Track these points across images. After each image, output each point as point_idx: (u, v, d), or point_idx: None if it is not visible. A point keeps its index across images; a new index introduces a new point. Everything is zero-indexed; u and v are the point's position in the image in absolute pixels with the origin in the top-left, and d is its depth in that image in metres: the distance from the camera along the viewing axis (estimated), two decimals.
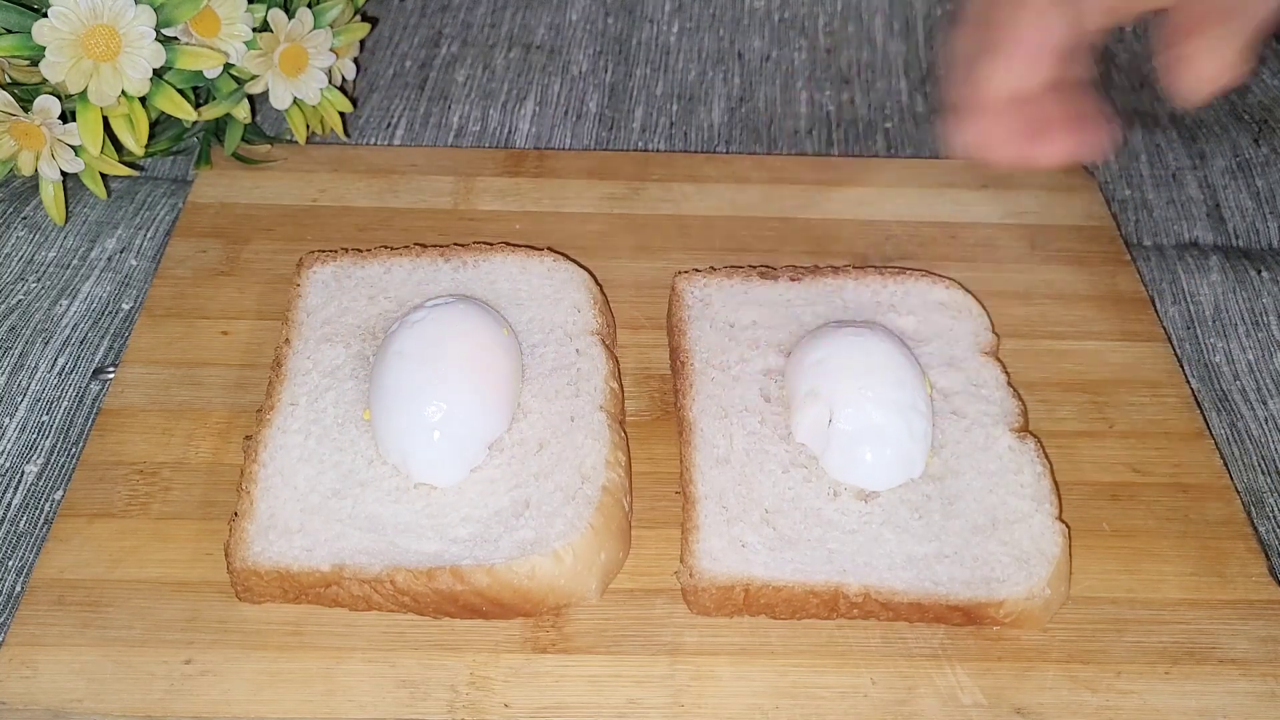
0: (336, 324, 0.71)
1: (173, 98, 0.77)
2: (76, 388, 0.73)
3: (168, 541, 0.63)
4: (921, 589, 0.59)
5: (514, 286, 0.73)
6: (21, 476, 0.68)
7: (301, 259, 0.75)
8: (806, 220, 0.82)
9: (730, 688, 0.58)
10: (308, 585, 0.59)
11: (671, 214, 0.83)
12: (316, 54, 0.82)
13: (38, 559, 0.62)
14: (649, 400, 0.71)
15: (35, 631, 0.59)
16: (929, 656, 0.60)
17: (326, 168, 0.85)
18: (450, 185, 0.84)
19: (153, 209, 0.83)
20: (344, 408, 0.66)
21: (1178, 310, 0.80)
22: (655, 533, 0.64)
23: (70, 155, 0.77)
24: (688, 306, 0.73)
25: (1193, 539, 0.65)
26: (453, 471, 0.63)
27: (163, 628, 0.59)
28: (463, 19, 1.03)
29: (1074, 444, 0.69)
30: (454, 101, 0.95)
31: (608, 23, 1.03)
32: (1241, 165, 0.90)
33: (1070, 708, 0.58)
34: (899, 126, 0.95)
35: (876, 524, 0.62)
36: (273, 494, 0.62)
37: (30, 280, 0.78)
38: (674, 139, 0.93)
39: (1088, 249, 0.81)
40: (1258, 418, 0.74)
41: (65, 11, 0.71)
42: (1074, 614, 0.61)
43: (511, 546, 0.60)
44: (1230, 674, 0.59)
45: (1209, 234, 0.86)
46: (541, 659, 0.59)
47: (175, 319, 0.74)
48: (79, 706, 0.56)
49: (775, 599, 0.60)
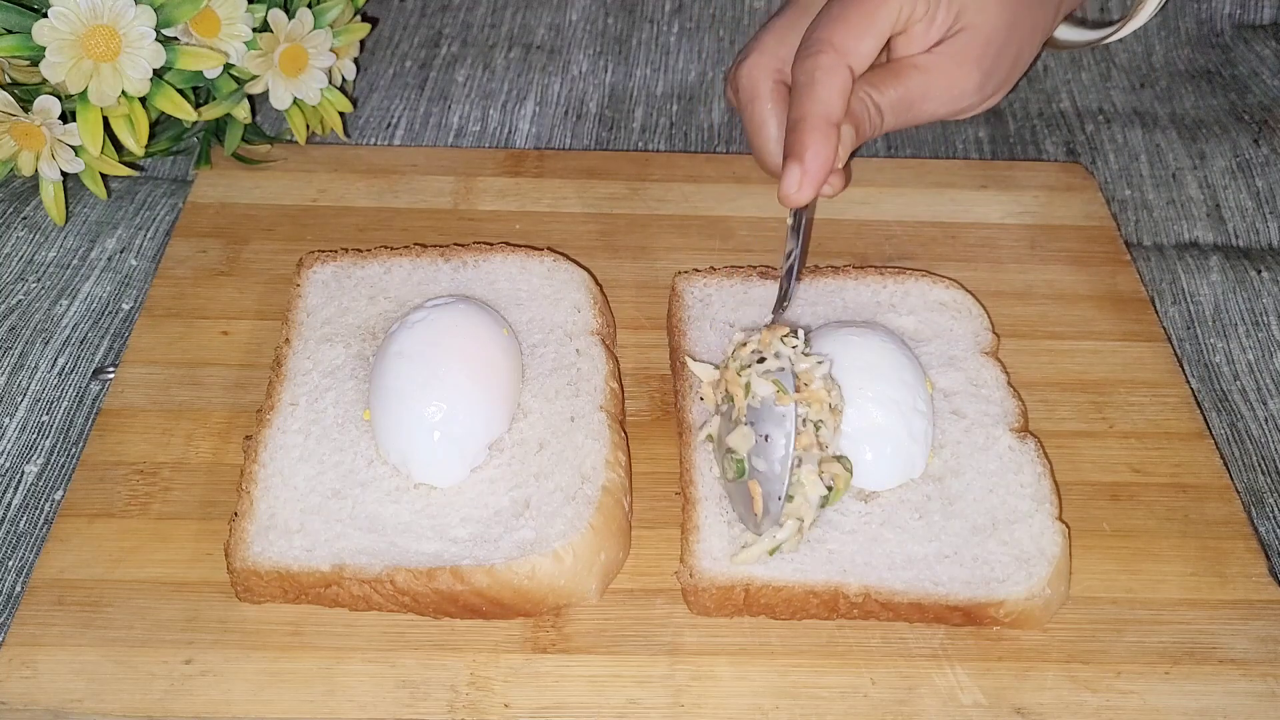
0: (336, 324, 0.71)
1: (173, 98, 0.77)
2: (76, 388, 0.73)
3: (168, 541, 0.63)
4: (921, 589, 0.59)
5: (514, 286, 0.73)
6: (21, 476, 0.68)
7: (301, 259, 0.75)
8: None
9: (730, 688, 0.58)
10: (308, 585, 0.59)
11: (671, 214, 0.83)
12: (316, 54, 0.82)
13: (38, 559, 0.62)
14: (649, 400, 0.71)
15: (35, 631, 0.59)
16: (929, 656, 0.60)
17: (326, 168, 0.85)
18: (450, 185, 0.84)
19: (153, 209, 0.83)
20: (344, 408, 0.66)
21: (1178, 310, 0.80)
22: (655, 533, 0.64)
23: (70, 155, 0.77)
24: (688, 306, 0.73)
25: (1193, 539, 0.65)
26: (453, 471, 0.63)
27: (163, 628, 0.59)
28: (463, 19, 1.03)
29: (1074, 444, 0.69)
30: (454, 101, 0.95)
31: (608, 23, 1.03)
32: (1241, 165, 0.90)
33: (1070, 708, 0.58)
34: None
35: (876, 524, 0.62)
36: (273, 494, 0.62)
37: (30, 280, 0.78)
38: (674, 139, 0.93)
39: (1088, 249, 0.81)
40: (1258, 418, 0.74)
41: (65, 12, 0.71)
42: (1074, 614, 0.61)
43: (511, 546, 0.60)
44: (1230, 674, 0.59)
45: (1209, 234, 0.86)
46: (541, 659, 0.59)
47: (175, 319, 0.74)
48: (79, 706, 0.56)
49: (775, 599, 0.60)
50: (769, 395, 0.60)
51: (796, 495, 0.59)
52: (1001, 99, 0.82)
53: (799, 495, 0.59)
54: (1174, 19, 1.02)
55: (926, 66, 0.75)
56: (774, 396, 0.60)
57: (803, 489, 0.59)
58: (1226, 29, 1.02)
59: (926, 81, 0.75)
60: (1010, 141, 0.93)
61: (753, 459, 0.60)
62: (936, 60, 0.75)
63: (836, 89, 0.70)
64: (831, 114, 0.70)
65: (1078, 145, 0.93)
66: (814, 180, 0.69)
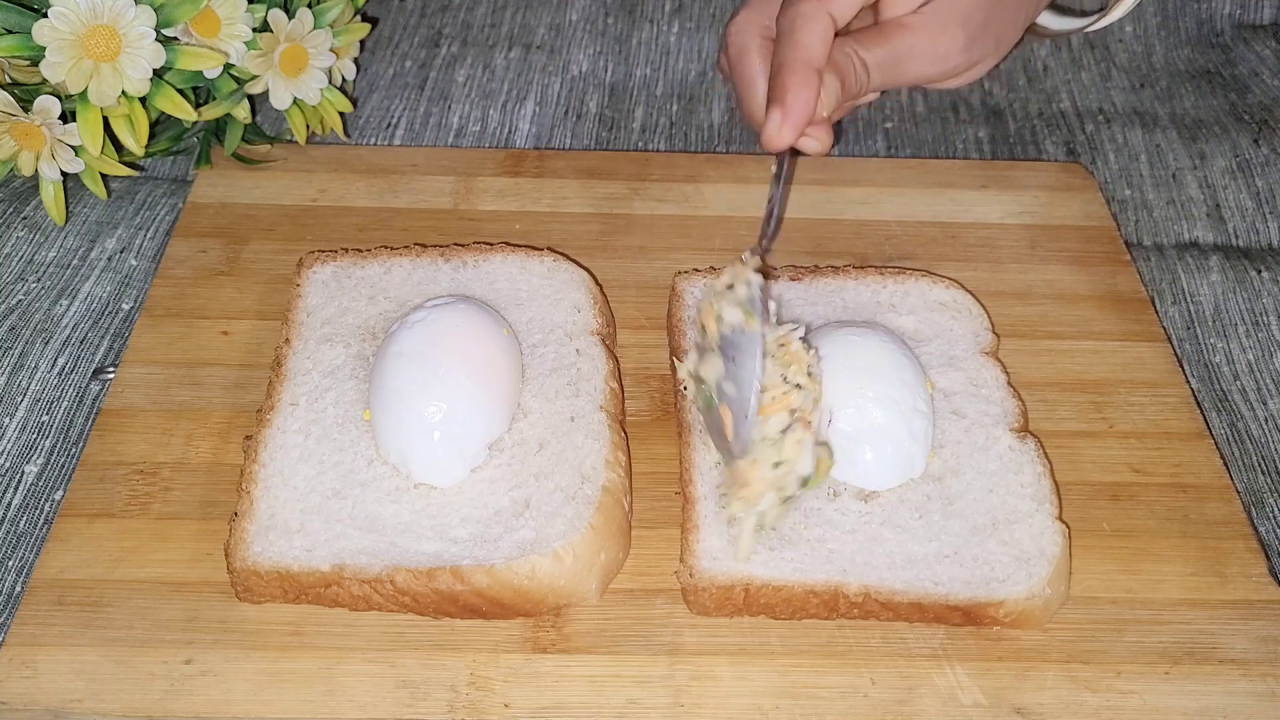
0: (336, 324, 0.71)
1: (173, 98, 0.77)
2: (76, 388, 0.73)
3: (168, 541, 0.63)
4: (921, 589, 0.59)
5: (514, 286, 0.73)
6: (21, 476, 0.68)
7: (301, 259, 0.75)
8: (806, 220, 0.82)
9: (730, 688, 0.58)
10: (308, 585, 0.59)
11: (671, 214, 0.83)
12: (316, 54, 0.82)
13: (38, 559, 0.62)
14: (649, 400, 0.71)
15: (35, 631, 0.59)
16: (929, 656, 0.60)
17: (326, 168, 0.85)
18: (450, 185, 0.84)
19: (153, 209, 0.83)
20: (344, 408, 0.66)
21: (1178, 310, 0.80)
22: (655, 533, 0.64)
23: (70, 155, 0.77)
24: (688, 306, 0.73)
25: (1193, 539, 0.65)
26: (453, 472, 0.63)
27: (163, 628, 0.59)
28: (463, 19, 1.03)
29: (1074, 444, 0.69)
30: (454, 101, 0.95)
31: (608, 23, 1.03)
32: (1241, 165, 0.90)
33: (1070, 708, 0.58)
34: (899, 126, 0.95)
35: (876, 524, 0.62)
36: (273, 494, 0.62)
37: (30, 280, 0.78)
38: (674, 139, 0.93)
39: (1088, 249, 0.81)
40: (1258, 418, 0.74)
41: (65, 12, 0.71)
42: (1074, 614, 0.61)
43: (511, 546, 0.60)
44: (1230, 674, 0.59)
45: (1209, 234, 0.86)
46: (541, 659, 0.59)
47: (175, 319, 0.74)
48: (79, 706, 0.56)
49: (775, 599, 0.60)
50: (737, 322, 0.61)
51: (782, 464, 0.59)
52: (990, 68, 0.84)
53: (784, 465, 0.59)
54: (1174, 19, 1.02)
55: (911, 25, 0.77)
56: (742, 322, 0.61)
57: (783, 450, 0.59)
58: (1226, 29, 1.02)
59: (913, 40, 0.77)
60: (1010, 141, 0.93)
61: (722, 385, 0.60)
62: (921, 20, 0.77)
63: (818, 35, 0.72)
64: (812, 59, 0.71)
65: (1078, 145, 0.93)
66: (794, 123, 0.70)
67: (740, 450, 0.60)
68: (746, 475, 0.59)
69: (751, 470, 0.59)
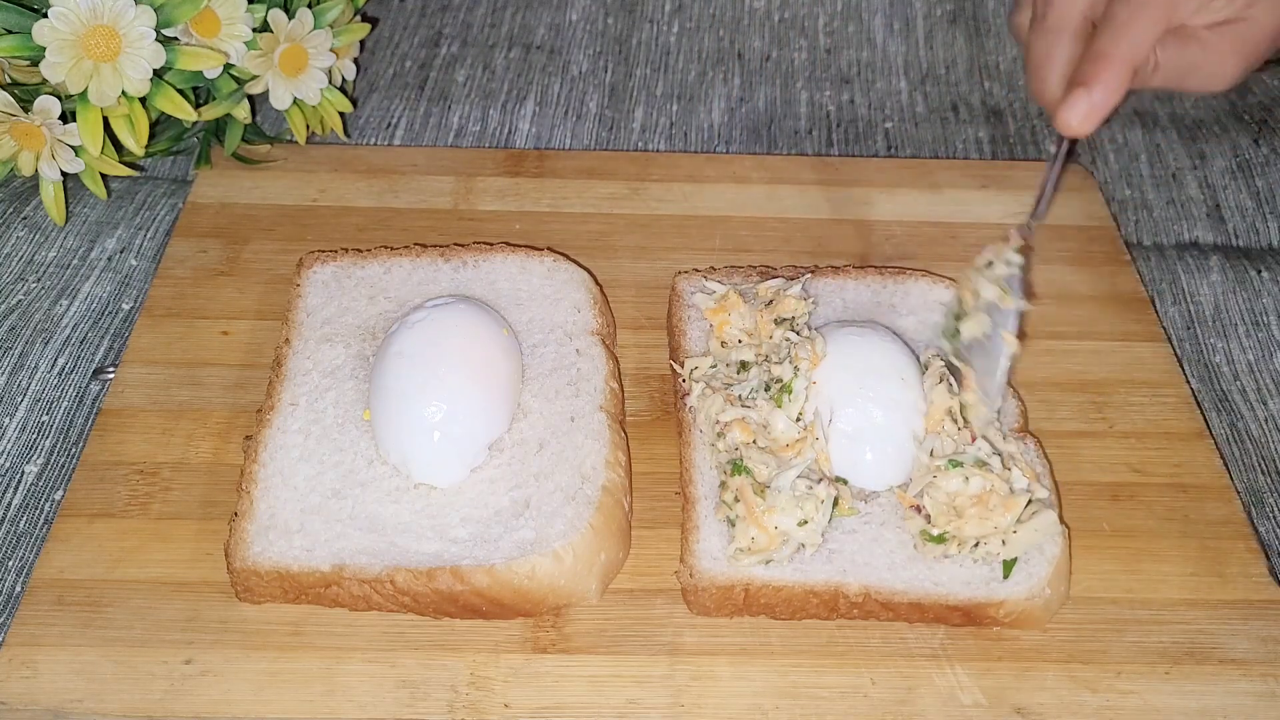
0: (336, 324, 0.71)
1: (173, 98, 0.77)
2: (76, 388, 0.73)
3: (168, 541, 0.63)
4: (921, 589, 0.59)
5: (514, 286, 0.73)
6: (21, 476, 0.68)
7: (301, 259, 0.75)
8: (806, 220, 0.82)
9: (730, 688, 0.58)
10: (308, 585, 0.59)
11: (671, 214, 0.83)
12: (316, 54, 0.82)
13: (38, 559, 0.62)
14: (649, 400, 0.71)
15: (35, 631, 0.59)
16: (929, 656, 0.60)
17: (326, 168, 0.85)
18: (450, 185, 0.84)
19: (153, 209, 0.83)
20: (344, 408, 0.66)
21: (1178, 310, 0.80)
22: (655, 533, 0.64)
23: (70, 155, 0.77)
24: (688, 306, 0.73)
25: (1193, 539, 0.65)
26: (453, 472, 0.63)
27: (163, 628, 0.59)
28: (463, 19, 1.03)
29: (1074, 444, 0.69)
30: (454, 101, 0.95)
31: (608, 23, 1.03)
32: (1241, 165, 0.90)
33: (1070, 708, 0.58)
34: (899, 126, 0.95)
35: (876, 524, 0.62)
36: (273, 494, 0.62)
37: (30, 280, 0.78)
38: (674, 139, 0.93)
39: (1088, 249, 0.81)
40: (1258, 418, 0.74)
41: (65, 12, 0.71)
42: (1074, 614, 0.61)
43: (511, 546, 0.60)
44: (1230, 674, 0.59)
45: (1209, 234, 0.86)
46: (541, 659, 0.59)
47: (175, 319, 0.74)
48: (79, 706, 0.56)
49: (775, 599, 0.60)
50: (993, 298, 0.66)
51: (807, 523, 0.60)
52: None
53: (809, 524, 0.60)
54: None
55: (1208, 42, 0.75)
56: (998, 298, 0.66)
57: (806, 506, 0.60)
58: None
59: (1204, 55, 0.75)
60: (1010, 141, 0.93)
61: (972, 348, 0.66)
62: (1218, 39, 0.75)
63: (1151, 35, 0.70)
64: (1137, 57, 0.70)
65: (1078, 145, 0.93)
66: (1099, 114, 0.68)
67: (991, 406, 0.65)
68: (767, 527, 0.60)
69: (771, 520, 0.60)
